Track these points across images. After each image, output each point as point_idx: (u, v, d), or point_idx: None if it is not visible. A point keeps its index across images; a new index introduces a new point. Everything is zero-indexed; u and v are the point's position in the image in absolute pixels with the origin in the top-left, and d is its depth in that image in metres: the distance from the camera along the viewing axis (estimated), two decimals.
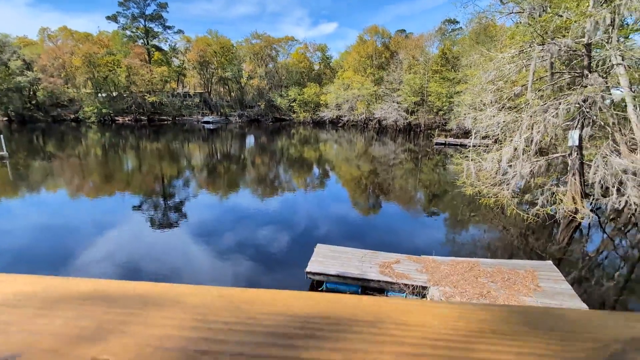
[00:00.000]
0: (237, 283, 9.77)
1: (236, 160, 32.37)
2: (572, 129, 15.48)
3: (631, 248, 13.65)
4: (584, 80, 15.32)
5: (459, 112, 33.28)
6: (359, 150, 38.90)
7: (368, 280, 8.65)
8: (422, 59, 52.62)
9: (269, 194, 20.80)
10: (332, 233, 14.19)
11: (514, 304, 0.47)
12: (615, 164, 13.59)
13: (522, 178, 15.95)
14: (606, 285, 10.62)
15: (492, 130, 17.81)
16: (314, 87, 63.55)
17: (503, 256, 12.17)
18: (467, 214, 17.17)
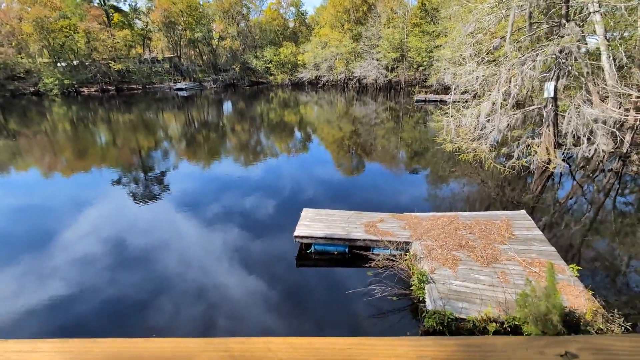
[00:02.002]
0: (226, 252, 9.96)
1: (215, 128, 31.48)
2: (548, 80, 15.68)
3: (597, 192, 14.52)
4: (561, 29, 15.27)
5: (438, 68, 32.93)
6: (340, 111, 38.42)
7: (354, 239, 8.98)
8: (401, 11, 50.66)
9: (251, 160, 20.59)
10: (318, 196, 14.41)
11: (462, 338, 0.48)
12: (587, 113, 14.04)
13: (499, 132, 16.33)
14: (574, 229, 11.43)
15: (471, 85, 17.85)
16: (290, 46, 60.80)
17: (481, 208, 12.79)
18: (447, 170, 17.65)
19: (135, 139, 26.87)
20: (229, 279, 8.68)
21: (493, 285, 7.02)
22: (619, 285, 8.74)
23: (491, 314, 6.18)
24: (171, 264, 9.39)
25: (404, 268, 8.01)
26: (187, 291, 8.22)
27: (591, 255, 9.90)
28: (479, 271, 7.51)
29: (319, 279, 8.90)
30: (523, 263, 7.73)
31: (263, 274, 8.84)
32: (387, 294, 7.38)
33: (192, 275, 8.84)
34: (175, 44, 64.43)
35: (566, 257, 8.91)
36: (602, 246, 10.53)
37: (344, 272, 8.98)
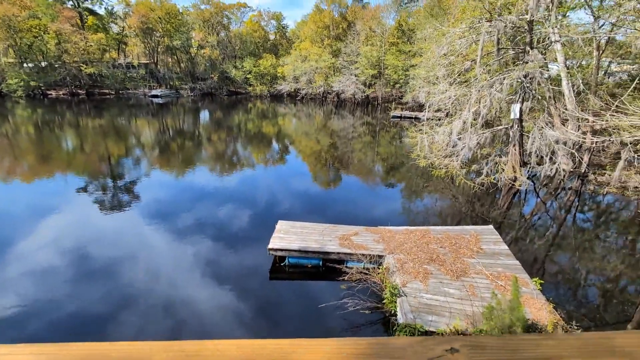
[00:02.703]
0: (197, 265, 9.66)
1: (191, 137, 30.86)
2: (514, 102, 16.62)
3: (559, 209, 15.36)
4: (526, 56, 16.34)
5: (414, 86, 34.17)
6: (318, 124, 38.80)
7: (328, 253, 8.98)
8: (379, 30, 52.47)
9: (227, 171, 20.29)
10: (294, 208, 14.34)
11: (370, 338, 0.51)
12: (549, 135, 14.95)
13: (470, 150, 17.04)
14: (537, 244, 11.98)
15: (444, 104, 18.61)
16: (270, 58, 61.22)
17: (452, 223, 13.18)
18: (420, 185, 18.13)
19: (105, 145, 25.85)
20: (199, 293, 8.39)
21: (461, 298, 7.20)
22: (579, 298, 9.20)
23: (459, 326, 6.31)
24: (138, 277, 8.97)
25: (377, 281, 8.07)
26: (154, 306, 7.86)
27: (553, 269, 10.40)
28: (449, 284, 7.69)
29: (292, 293, 8.78)
30: (490, 277, 8.00)
31: (235, 288, 8.62)
32: (359, 308, 7.38)
33: (159, 289, 8.48)
34: (152, 50, 63.23)
35: (530, 270, 9.30)
36: (563, 260, 11.08)
37: (318, 285, 8.92)
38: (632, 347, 0.36)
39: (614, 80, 23.41)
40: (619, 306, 8.87)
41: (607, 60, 22.00)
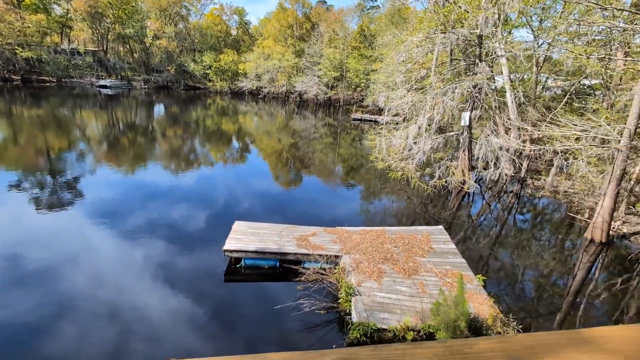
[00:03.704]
0: (147, 268, 9.13)
1: (143, 132, 29.11)
2: (464, 110, 17.74)
3: (502, 211, 16.64)
4: (475, 67, 17.51)
5: (374, 90, 35.16)
6: (280, 124, 38.51)
7: (286, 253, 8.94)
8: (342, 33, 53.30)
9: (183, 169, 19.42)
10: (253, 209, 14.10)
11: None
12: (494, 142, 16.15)
13: (424, 153, 17.89)
14: (482, 242, 12.89)
15: (401, 109, 19.37)
16: (231, 54, 59.60)
17: (407, 223, 13.75)
18: (378, 186, 18.70)
19: (44, 137, 23.56)
20: (148, 299, 7.94)
21: (412, 295, 7.54)
22: (517, 292, 10.04)
23: (409, 323, 6.60)
24: (78, 283, 8.28)
25: (333, 281, 8.19)
26: (96, 314, 7.30)
27: (496, 266, 11.24)
28: (401, 283, 8.02)
29: (248, 295, 8.62)
30: (439, 274, 8.46)
31: (188, 292, 8.27)
32: (315, 308, 7.43)
33: (103, 296, 7.89)
34: (102, 37, 58.73)
35: (476, 267, 9.97)
36: (504, 258, 12.02)
37: (274, 286, 8.85)
38: (483, 352, 0.40)
39: (550, 94, 25.90)
40: (551, 299, 9.81)
41: (545, 75, 24.26)
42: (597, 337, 0.45)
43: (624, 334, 0.45)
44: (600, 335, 0.46)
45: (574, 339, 0.45)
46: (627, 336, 0.45)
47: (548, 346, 0.42)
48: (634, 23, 14.83)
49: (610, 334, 0.46)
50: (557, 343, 0.43)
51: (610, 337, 0.45)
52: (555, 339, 0.45)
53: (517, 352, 0.41)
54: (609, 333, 0.46)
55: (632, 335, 0.45)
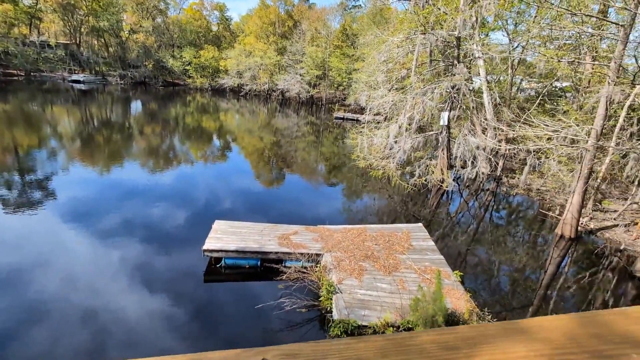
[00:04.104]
0: (124, 270, 8.88)
1: (120, 129, 28.18)
2: (443, 110, 18.13)
3: (479, 208, 17.15)
4: (454, 68, 17.92)
5: (356, 89, 35.38)
6: (262, 122, 38.18)
7: (267, 252, 8.90)
8: (325, 32, 53.32)
9: (162, 167, 18.95)
10: (234, 208, 13.94)
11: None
12: (471, 141, 16.60)
13: (405, 152, 18.19)
14: (460, 239, 13.25)
15: (383, 108, 19.59)
16: (212, 50, 58.48)
17: (388, 221, 13.95)
18: (360, 185, 18.87)
19: (11, 134, 22.42)
20: (125, 301, 7.72)
21: (392, 292, 7.67)
22: (493, 287, 10.39)
23: (389, 319, 6.72)
24: (50, 286, 7.96)
25: (314, 280, 8.22)
26: (69, 318, 7.04)
27: (473, 261, 11.59)
28: (382, 280, 8.14)
29: (228, 295, 8.53)
30: (418, 271, 8.64)
31: (167, 293, 8.10)
32: (296, 306, 7.45)
33: (77, 299, 7.62)
34: (74, 30, 56.33)
35: (454, 264, 10.24)
36: (481, 254, 12.41)
37: (255, 286, 8.79)
38: (424, 344, 0.43)
39: (524, 96, 26.85)
40: (524, 292, 10.22)
41: (519, 77, 25.12)
42: (531, 327, 0.49)
43: (555, 323, 0.49)
44: (535, 325, 0.49)
45: (511, 329, 0.48)
46: (558, 325, 0.48)
47: (486, 337, 0.45)
48: (600, 29, 15.59)
49: (543, 324, 0.50)
50: (495, 333, 0.46)
51: (543, 327, 0.49)
52: (494, 330, 0.48)
53: (456, 343, 0.44)
54: (543, 323, 0.50)
55: (561, 325, 0.49)
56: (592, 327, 0.49)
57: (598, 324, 0.50)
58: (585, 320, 0.51)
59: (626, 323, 0.49)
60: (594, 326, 0.49)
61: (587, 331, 0.48)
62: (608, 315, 0.51)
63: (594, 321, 0.50)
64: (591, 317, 0.51)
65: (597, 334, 0.47)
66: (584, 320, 0.51)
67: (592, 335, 0.47)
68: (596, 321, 0.50)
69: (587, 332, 0.48)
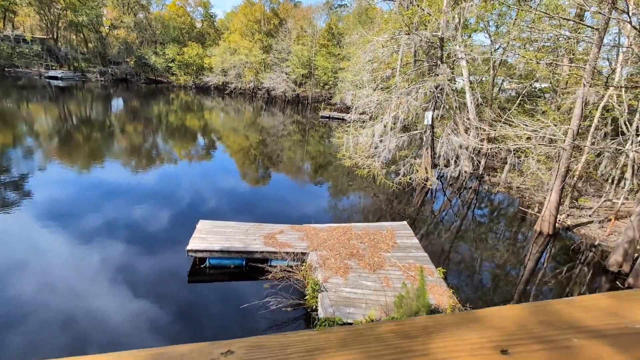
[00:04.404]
0: (106, 272, 8.67)
1: (100, 127, 27.41)
2: (427, 110, 18.42)
3: (462, 206, 17.52)
4: (437, 69, 18.22)
5: (342, 88, 35.52)
6: (248, 120, 37.85)
7: (252, 252, 8.86)
8: (310, 31, 53.26)
9: (144, 167, 18.56)
10: (219, 207, 13.80)
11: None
12: (454, 141, 16.93)
13: (389, 151, 18.39)
14: (444, 237, 13.51)
15: (368, 107, 19.74)
16: (196, 47, 57.52)
17: (373, 219, 14.09)
18: (345, 183, 18.98)
19: None
20: (107, 303, 7.54)
21: (377, 290, 7.77)
22: (475, 282, 10.65)
23: (374, 316, 6.81)
24: (27, 289, 7.69)
25: (300, 278, 8.23)
26: (48, 321, 6.83)
27: (456, 258, 11.84)
28: (367, 277, 8.23)
29: (213, 295, 8.45)
30: (402, 268, 8.78)
31: (150, 294, 7.96)
32: (282, 306, 7.44)
33: (56, 302, 7.40)
34: (51, 24, 54.39)
35: (438, 261, 10.44)
36: (464, 250, 12.69)
37: (241, 285, 8.74)
38: (384, 334, 0.45)
39: (505, 96, 27.54)
40: (505, 287, 10.52)
41: (501, 78, 25.77)
42: (485, 316, 0.52)
43: (508, 313, 0.52)
44: (489, 314, 0.53)
45: (467, 318, 0.51)
46: (510, 315, 0.52)
47: (442, 326, 0.48)
48: (577, 32, 16.14)
49: (497, 313, 0.53)
50: (451, 323, 0.49)
51: (497, 316, 0.52)
52: (450, 320, 0.51)
53: (413, 332, 0.47)
54: (497, 312, 0.53)
55: (514, 314, 0.52)
56: (541, 316, 0.52)
57: (547, 312, 0.54)
58: (537, 309, 0.54)
59: (572, 311, 0.53)
60: (543, 314, 0.53)
61: (537, 319, 0.51)
62: (557, 304, 0.55)
63: (544, 310, 0.54)
64: (542, 307, 0.55)
65: (545, 322, 0.51)
66: (535, 309, 0.54)
67: (541, 322, 0.51)
68: (546, 310, 0.54)
69: (536, 320, 0.51)
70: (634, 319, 0.52)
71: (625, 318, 0.52)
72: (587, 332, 0.48)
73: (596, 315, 0.53)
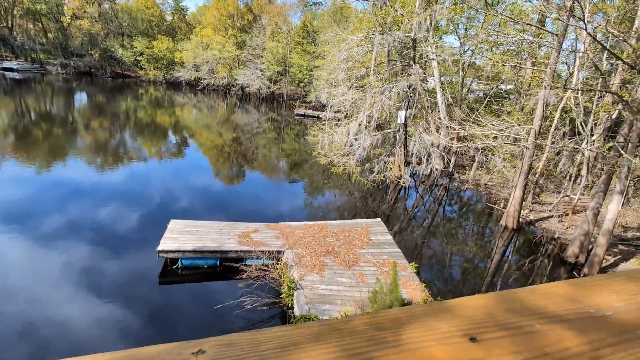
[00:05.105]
0: (69, 276, 8.20)
1: (62, 123, 25.84)
2: (401, 109, 18.82)
3: (434, 202, 18.07)
4: (410, 69, 18.65)
5: (317, 86, 35.54)
6: (221, 118, 37.04)
7: (226, 251, 8.70)
8: (285, 28, 52.85)
9: (111, 165, 17.70)
10: (192, 206, 13.41)
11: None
12: (426, 139, 17.41)
13: (364, 149, 18.64)
14: (416, 232, 13.89)
15: (343, 105, 19.89)
16: (166, 41, 55.47)
17: (348, 217, 14.23)
18: (321, 181, 19.03)
19: None
20: (70, 309, 7.14)
21: (352, 286, 7.87)
22: (445, 276, 11.03)
23: (349, 312, 6.89)
24: None
25: (276, 277, 8.18)
26: (5, 330, 6.37)
27: (428, 253, 12.21)
28: (342, 274, 8.31)
29: (185, 297, 8.22)
30: (377, 264, 8.94)
31: (118, 298, 7.62)
32: (257, 305, 7.37)
33: (13, 310, 6.91)
34: (5, 11, 50.58)
35: (411, 256, 10.71)
36: (435, 245, 13.10)
37: (214, 286, 8.56)
38: (357, 326, 0.46)
39: (473, 97, 28.66)
40: (473, 280, 10.97)
41: (469, 79, 26.77)
42: (455, 306, 0.54)
43: (476, 302, 0.55)
44: (459, 304, 0.55)
45: (438, 308, 0.52)
46: (479, 304, 0.54)
47: (414, 317, 0.49)
48: (539, 37, 17.05)
49: (466, 303, 0.55)
50: (422, 313, 0.50)
51: (466, 306, 0.54)
52: (421, 310, 0.52)
53: (385, 324, 0.48)
54: (466, 302, 0.55)
55: (482, 303, 0.55)
56: (507, 304, 0.55)
57: (512, 300, 0.56)
58: (503, 298, 0.57)
59: (534, 299, 0.56)
60: (509, 303, 0.55)
61: (503, 307, 0.54)
62: (521, 292, 0.58)
63: (510, 298, 0.57)
64: (507, 295, 0.57)
65: (510, 309, 0.53)
66: (502, 298, 0.57)
67: (506, 310, 0.53)
68: (511, 298, 0.57)
69: (502, 308, 0.53)
70: (589, 304, 0.56)
71: (583, 303, 0.56)
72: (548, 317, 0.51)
73: (556, 302, 0.56)
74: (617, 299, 0.55)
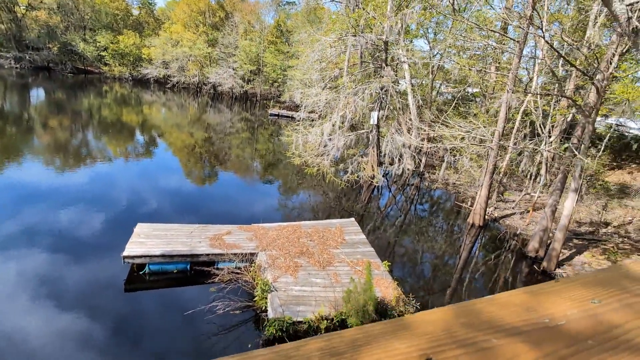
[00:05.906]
0: (25, 286, 7.63)
1: (15, 120, 24.06)
2: (373, 110, 19.11)
3: (405, 202, 18.49)
4: (382, 71, 18.97)
5: (291, 86, 35.37)
6: (192, 117, 35.96)
7: (197, 255, 8.45)
8: (258, 26, 52.21)
9: (72, 166, 16.69)
10: (160, 209, 12.91)
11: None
12: (398, 140, 17.79)
13: (338, 150, 18.76)
14: (389, 231, 14.15)
15: (317, 106, 19.91)
16: (132, 36, 53.12)
17: (323, 217, 14.25)
18: (295, 182, 18.95)
19: None
20: (26, 322, 6.64)
21: (326, 286, 7.88)
22: (417, 274, 11.31)
23: (323, 312, 6.90)
24: None
25: (249, 280, 8.04)
26: None
27: (400, 252, 12.47)
28: (316, 275, 8.30)
29: (154, 303, 7.89)
30: (351, 264, 9.01)
31: (79, 308, 7.18)
32: (230, 309, 7.21)
33: None
34: None
35: (383, 255, 10.89)
36: (407, 244, 13.39)
37: (185, 291, 8.28)
38: (311, 352, 0.44)
39: (442, 99, 29.65)
40: (443, 276, 11.32)
41: (439, 82, 27.67)
42: (413, 322, 0.53)
43: (434, 316, 0.54)
44: (417, 320, 0.54)
45: (396, 326, 0.52)
46: (436, 318, 0.54)
47: (371, 337, 0.48)
48: (502, 43, 17.89)
49: (424, 318, 0.55)
50: (379, 333, 0.49)
51: (424, 321, 0.54)
52: (379, 329, 0.51)
53: (340, 347, 0.46)
54: (426, 317, 0.55)
55: (439, 317, 0.54)
56: (464, 317, 0.55)
57: (470, 313, 0.56)
58: (460, 310, 0.57)
59: (492, 310, 0.57)
60: (466, 315, 0.55)
61: (460, 321, 0.54)
62: (479, 303, 0.58)
63: (467, 310, 0.57)
64: (465, 307, 0.57)
65: (467, 323, 0.53)
66: (459, 310, 0.57)
67: (463, 324, 0.53)
68: (469, 310, 0.57)
69: (459, 322, 0.54)
70: (544, 314, 0.57)
71: (538, 313, 0.57)
72: (504, 330, 0.51)
73: (513, 312, 0.57)
74: (571, 306, 0.57)
